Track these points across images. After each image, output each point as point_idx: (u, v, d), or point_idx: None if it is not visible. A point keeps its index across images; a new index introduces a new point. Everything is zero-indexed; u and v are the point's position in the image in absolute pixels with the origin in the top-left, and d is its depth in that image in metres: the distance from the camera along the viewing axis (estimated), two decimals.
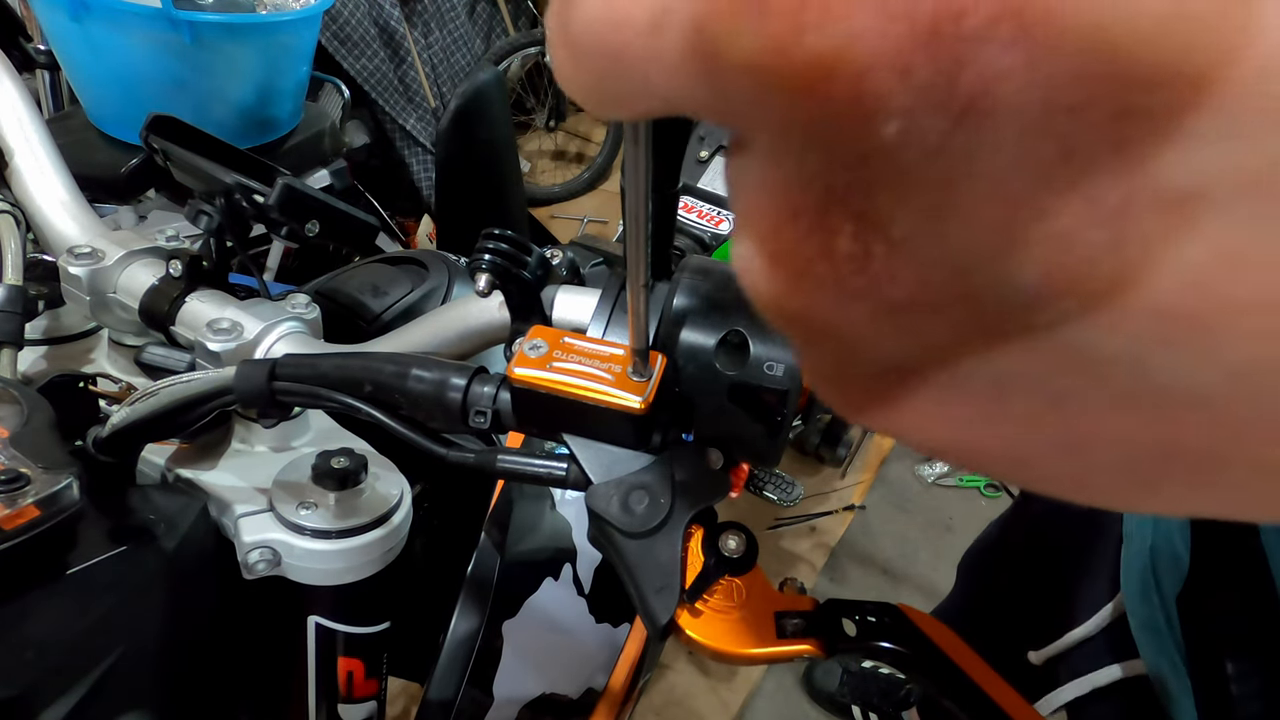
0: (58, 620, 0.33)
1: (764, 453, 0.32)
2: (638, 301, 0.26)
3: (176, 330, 0.48)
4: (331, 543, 0.44)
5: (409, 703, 1.22)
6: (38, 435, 0.38)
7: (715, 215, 1.13)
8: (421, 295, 0.66)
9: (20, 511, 0.33)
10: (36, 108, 0.56)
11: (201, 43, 0.67)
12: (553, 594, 0.58)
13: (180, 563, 0.40)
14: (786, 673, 1.64)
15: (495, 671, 0.54)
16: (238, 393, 0.36)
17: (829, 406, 0.14)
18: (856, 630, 0.33)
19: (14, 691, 0.30)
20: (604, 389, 0.29)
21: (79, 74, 0.73)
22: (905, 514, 1.97)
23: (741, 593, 0.32)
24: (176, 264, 0.49)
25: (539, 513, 0.60)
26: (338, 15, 1.81)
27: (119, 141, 0.80)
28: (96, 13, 0.64)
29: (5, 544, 0.32)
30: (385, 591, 0.48)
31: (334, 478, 0.45)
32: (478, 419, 0.32)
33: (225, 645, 0.46)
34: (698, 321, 0.31)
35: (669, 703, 1.57)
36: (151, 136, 0.52)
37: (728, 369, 0.31)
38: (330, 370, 0.35)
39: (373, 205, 1.62)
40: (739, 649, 0.31)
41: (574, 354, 0.30)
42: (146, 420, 0.39)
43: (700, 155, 1.18)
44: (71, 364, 0.55)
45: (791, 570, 1.88)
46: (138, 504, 0.42)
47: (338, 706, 0.49)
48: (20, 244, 0.51)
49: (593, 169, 3.09)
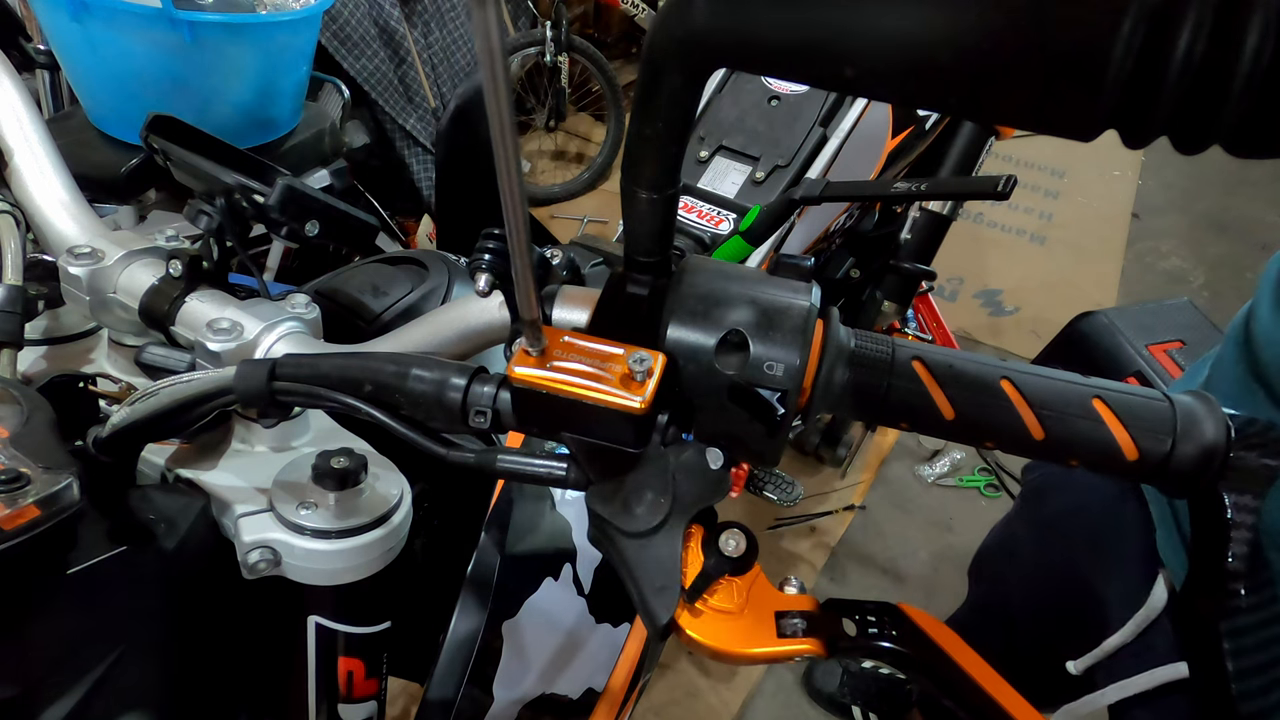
0: (58, 620, 0.33)
1: (764, 452, 0.32)
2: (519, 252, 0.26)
3: (176, 330, 0.48)
4: (331, 543, 0.44)
5: (409, 703, 1.22)
6: (38, 435, 0.38)
7: (715, 215, 1.13)
8: (421, 295, 0.66)
9: (20, 511, 0.33)
10: (36, 108, 0.56)
11: (201, 43, 0.67)
12: (553, 594, 0.58)
13: (180, 563, 0.40)
14: (786, 673, 1.64)
15: (495, 671, 0.54)
16: (238, 393, 0.36)
17: None
18: (856, 630, 0.33)
19: (14, 691, 0.30)
20: (604, 388, 0.29)
21: (79, 74, 0.73)
22: (905, 514, 1.97)
23: (741, 593, 0.32)
24: (176, 264, 0.49)
25: (539, 513, 0.60)
26: (338, 15, 1.81)
27: (119, 141, 0.80)
28: (96, 13, 0.64)
29: (5, 544, 0.32)
30: (385, 591, 0.48)
31: (334, 478, 0.45)
32: (478, 419, 0.32)
33: (225, 645, 0.46)
34: (698, 321, 0.31)
35: (669, 703, 1.57)
36: (151, 136, 0.52)
37: (728, 369, 0.31)
38: (330, 370, 0.35)
39: (373, 205, 1.63)
40: (739, 649, 0.31)
41: (574, 353, 0.30)
42: (146, 420, 0.39)
43: (700, 155, 1.18)
44: (71, 364, 0.55)
45: (791, 570, 1.88)
46: (138, 504, 0.42)
47: (338, 706, 0.49)
48: (20, 244, 0.51)
49: (593, 169, 3.09)
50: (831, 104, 1.18)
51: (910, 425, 0.32)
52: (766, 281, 0.32)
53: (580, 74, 3.12)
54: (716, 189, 1.15)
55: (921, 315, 1.94)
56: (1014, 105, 0.22)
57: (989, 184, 0.66)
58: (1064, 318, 1.07)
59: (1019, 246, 3.09)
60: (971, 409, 0.31)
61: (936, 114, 1.41)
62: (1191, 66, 0.19)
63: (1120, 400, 0.30)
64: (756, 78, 1.21)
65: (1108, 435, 0.30)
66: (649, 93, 0.28)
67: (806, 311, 0.31)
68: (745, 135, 1.18)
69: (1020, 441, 0.31)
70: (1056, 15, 0.20)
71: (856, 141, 1.20)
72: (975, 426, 0.31)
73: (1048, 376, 0.31)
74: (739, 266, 0.33)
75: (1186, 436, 0.29)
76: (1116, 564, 0.73)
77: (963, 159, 1.55)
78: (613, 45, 3.70)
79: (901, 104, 0.61)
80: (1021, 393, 0.30)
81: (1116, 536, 0.73)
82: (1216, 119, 0.20)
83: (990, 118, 0.23)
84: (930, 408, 0.31)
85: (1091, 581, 0.76)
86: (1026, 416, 0.30)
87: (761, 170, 1.14)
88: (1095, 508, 0.76)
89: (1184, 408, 0.30)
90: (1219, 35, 0.19)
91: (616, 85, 2.94)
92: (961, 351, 0.33)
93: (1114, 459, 0.30)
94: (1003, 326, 2.72)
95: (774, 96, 1.21)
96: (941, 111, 0.33)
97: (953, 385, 0.31)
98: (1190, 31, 0.19)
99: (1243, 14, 0.19)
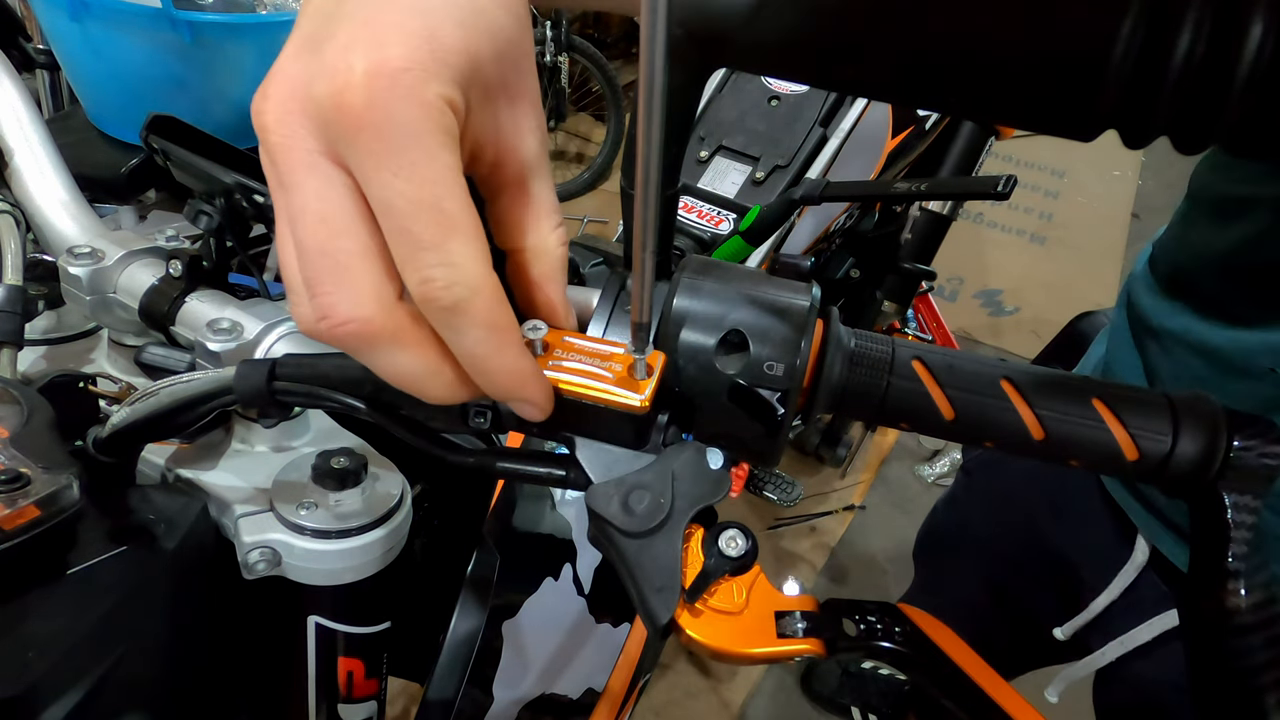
0: (58, 620, 0.33)
1: (764, 453, 0.32)
2: (643, 270, 0.26)
3: (176, 330, 0.48)
4: (331, 543, 0.44)
5: (409, 703, 1.23)
6: (38, 435, 0.38)
7: (715, 215, 1.13)
8: None
9: (20, 511, 0.33)
10: (36, 108, 0.56)
11: (201, 43, 0.66)
12: (553, 594, 0.58)
13: (180, 563, 0.40)
14: (786, 673, 1.64)
15: (495, 671, 0.54)
16: (238, 393, 0.36)
17: None
18: (856, 630, 0.33)
19: (14, 691, 0.30)
20: (605, 387, 0.29)
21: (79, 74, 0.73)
22: (905, 514, 1.97)
23: (741, 592, 0.32)
24: (176, 264, 0.49)
25: (539, 513, 0.60)
26: None
27: (119, 141, 0.80)
28: (96, 13, 0.64)
29: (5, 544, 0.32)
30: (385, 591, 0.48)
31: (334, 478, 0.45)
32: (477, 419, 0.32)
33: (225, 645, 0.46)
34: (698, 321, 0.31)
35: (669, 703, 1.57)
36: (151, 136, 0.52)
37: (728, 369, 0.31)
38: (330, 370, 0.35)
39: None
40: (739, 649, 0.31)
41: (575, 352, 0.30)
42: (146, 420, 0.39)
43: (700, 155, 1.18)
44: (71, 364, 0.55)
45: (791, 570, 1.88)
46: (138, 504, 0.42)
47: (338, 706, 0.49)
48: (20, 244, 0.51)
49: (593, 169, 3.09)
50: (831, 104, 1.18)
51: (910, 425, 0.32)
52: (766, 281, 0.32)
53: (580, 74, 3.12)
54: (716, 189, 1.15)
55: (921, 315, 1.95)
56: (1014, 105, 0.22)
57: (989, 184, 0.67)
58: (1064, 318, 1.07)
59: (1019, 246, 3.09)
60: (971, 409, 0.31)
61: (936, 114, 1.41)
62: (1191, 66, 0.19)
63: (1120, 400, 0.30)
64: (756, 78, 1.21)
65: (1108, 435, 0.30)
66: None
67: (806, 311, 0.31)
68: (745, 135, 1.18)
69: (1020, 441, 0.31)
70: (1056, 15, 0.20)
71: (856, 141, 1.20)
72: (975, 426, 0.31)
73: (1048, 376, 0.31)
74: (739, 266, 0.33)
75: (1186, 436, 0.29)
76: (1078, 524, 0.73)
77: (963, 159, 1.55)
78: (613, 45, 3.70)
79: (901, 104, 0.61)
80: (1021, 393, 0.30)
81: (1074, 497, 0.73)
82: (1216, 119, 0.20)
83: (990, 118, 0.23)
84: (930, 408, 0.31)
85: (1059, 545, 0.76)
86: (1026, 416, 0.30)
87: (761, 170, 1.15)
88: (1047, 471, 0.77)
89: (1184, 407, 0.30)
90: (1219, 35, 0.19)
91: (616, 85, 2.95)
92: (961, 351, 0.33)
93: (1114, 459, 0.30)
94: (1003, 326, 2.72)
95: (774, 96, 1.21)
96: (941, 111, 0.33)
97: (953, 385, 0.31)
98: (1190, 31, 0.19)
99: (1243, 14, 0.19)
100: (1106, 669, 0.71)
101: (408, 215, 0.24)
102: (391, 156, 0.24)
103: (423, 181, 0.24)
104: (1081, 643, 0.75)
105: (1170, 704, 0.68)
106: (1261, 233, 0.50)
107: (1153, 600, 0.67)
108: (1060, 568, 0.76)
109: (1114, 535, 0.69)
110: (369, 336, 0.26)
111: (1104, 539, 0.70)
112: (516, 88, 0.28)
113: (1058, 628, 0.77)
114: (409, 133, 0.24)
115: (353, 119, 0.24)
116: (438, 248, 0.24)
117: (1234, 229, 0.53)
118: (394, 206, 0.24)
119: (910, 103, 0.24)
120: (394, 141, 0.24)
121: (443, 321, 0.26)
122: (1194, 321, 0.56)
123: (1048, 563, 0.77)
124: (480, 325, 0.25)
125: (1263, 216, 0.50)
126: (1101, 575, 0.70)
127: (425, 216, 0.24)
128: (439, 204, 0.24)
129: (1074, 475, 0.73)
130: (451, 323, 0.25)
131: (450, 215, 0.24)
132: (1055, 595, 0.78)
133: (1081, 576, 0.73)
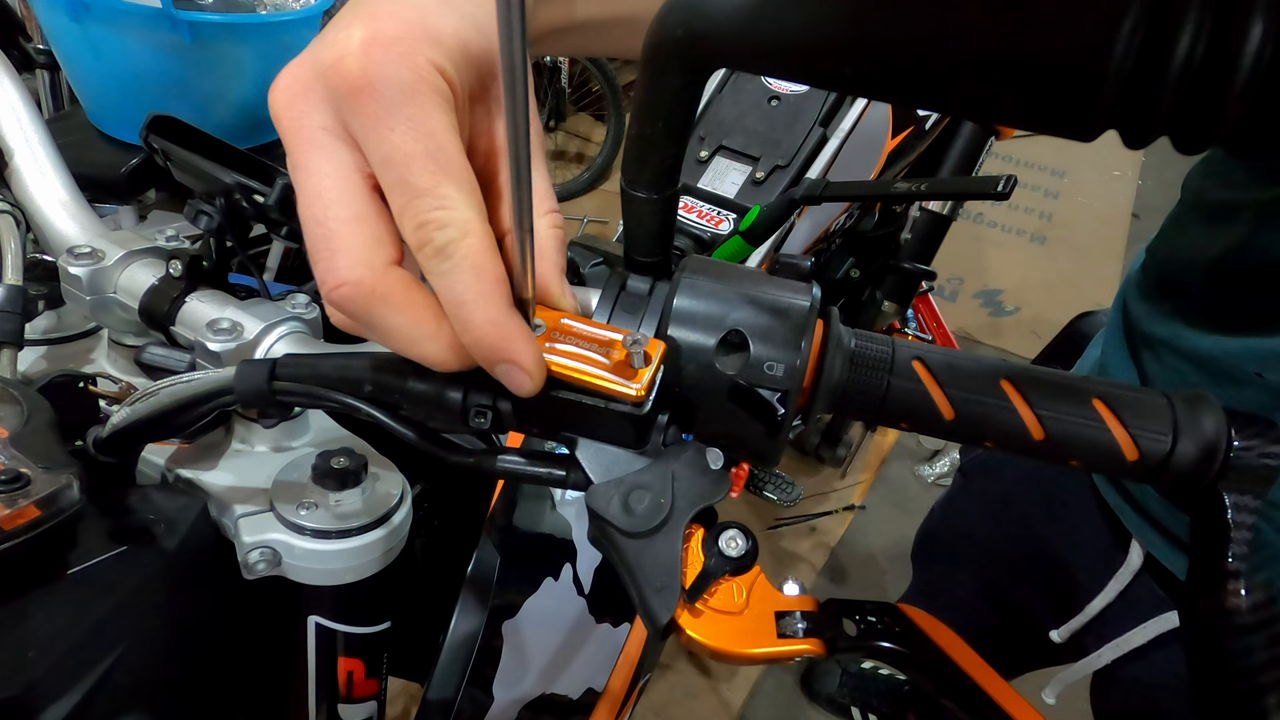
0: (58, 620, 0.33)
1: (764, 453, 0.32)
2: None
3: (176, 330, 0.48)
4: (331, 543, 0.44)
5: (409, 703, 1.23)
6: (38, 435, 0.38)
7: (715, 215, 1.13)
8: None
9: (20, 511, 0.33)
10: (36, 108, 0.56)
11: (201, 43, 0.66)
12: (553, 594, 0.58)
13: (180, 563, 0.40)
14: (786, 673, 1.64)
15: (495, 671, 0.54)
16: (238, 393, 0.36)
17: None
18: (856, 630, 0.33)
19: (14, 691, 0.30)
20: (601, 373, 0.29)
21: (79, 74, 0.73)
22: (905, 514, 1.97)
23: (741, 592, 0.32)
24: (176, 264, 0.49)
25: (539, 513, 0.60)
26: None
27: (119, 141, 0.80)
28: (96, 13, 0.64)
29: (5, 544, 0.32)
30: (385, 591, 0.48)
31: (334, 478, 0.45)
32: (478, 419, 0.32)
33: (225, 645, 0.46)
34: (698, 321, 0.31)
35: (669, 703, 1.57)
36: (151, 136, 0.51)
37: (728, 369, 0.31)
38: (330, 370, 0.35)
39: None
40: (739, 649, 0.31)
41: (573, 335, 0.30)
42: (146, 420, 0.39)
43: (700, 155, 1.18)
44: (71, 364, 0.55)
45: (791, 570, 1.88)
46: (138, 504, 0.42)
47: (338, 706, 0.49)
48: (20, 244, 0.51)
49: (593, 169, 3.09)
50: (831, 104, 1.18)
51: (910, 425, 0.32)
52: (766, 281, 0.32)
53: (580, 74, 3.12)
54: (716, 189, 1.15)
55: (921, 315, 1.94)
56: (1014, 105, 0.22)
57: (989, 184, 0.66)
58: (1064, 318, 1.07)
59: (1019, 246, 3.09)
60: (971, 409, 0.31)
61: (936, 114, 1.41)
62: (1191, 66, 0.19)
63: (1120, 400, 0.30)
64: (756, 78, 1.21)
65: (1108, 435, 0.30)
66: (649, 93, 0.28)
67: (806, 311, 0.31)
68: (745, 135, 1.18)
69: (1020, 441, 0.31)
70: (1056, 15, 0.20)
71: (856, 141, 1.20)
72: (975, 426, 0.31)
73: (1048, 376, 0.31)
74: (739, 266, 0.33)
75: (1186, 436, 0.29)
76: (1074, 528, 0.74)
77: (963, 159, 1.55)
78: None
79: (901, 104, 0.61)
80: (1021, 393, 0.30)
81: (1070, 500, 0.73)
82: (1216, 119, 0.20)
83: (990, 118, 0.23)
84: (930, 408, 0.31)
85: (1055, 548, 0.76)
86: (1026, 416, 0.30)
87: (761, 170, 1.15)
88: (1044, 474, 0.77)
89: (1184, 407, 0.30)
90: (1219, 35, 0.19)
91: (616, 85, 2.94)
92: (961, 351, 0.33)
93: (1114, 459, 0.30)
94: (1003, 326, 2.72)
95: (774, 96, 1.21)
96: (941, 111, 0.33)
97: (953, 385, 0.31)
98: (1190, 31, 0.19)
99: (1243, 14, 0.19)
100: (1103, 671, 0.72)
101: (403, 165, 0.26)
102: (388, 114, 0.26)
103: (417, 135, 0.26)
104: (1078, 645, 0.75)
105: (1167, 707, 0.68)
106: (1247, 238, 0.50)
107: (1148, 604, 0.67)
108: (1056, 571, 0.76)
109: (1109, 539, 0.69)
110: (360, 299, 0.27)
111: (1099, 542, 0.70)
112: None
113: (1054, 630, 0.77)
114: (402, 90, 0.26)
115: (351, 82, 0.26)
116: (431, 192, 0.26)
117: (1221, 234, 0.53)
118: (391, 159, 0.26)
119: (910, 103, 0.24)
120: (389, 100, 0.26)
121: (434, 267, 0.27)
122: (1182, 328, 0.56)
123: (1044, 566, 0.77)
124: (469, 268, 0.27)
125: (1248, 222, 0.50)
126: (1097, 578, 0.70)
127: (419, 164, 0.26)
128: (433, 154, 0.26)
129: (1070, 478, 0.73)
130: (441, 267, 0.27)
131: (443, 163, 0.26)
132: (1051, 598, 0.78)
133: (1077, 579, 0.73)
